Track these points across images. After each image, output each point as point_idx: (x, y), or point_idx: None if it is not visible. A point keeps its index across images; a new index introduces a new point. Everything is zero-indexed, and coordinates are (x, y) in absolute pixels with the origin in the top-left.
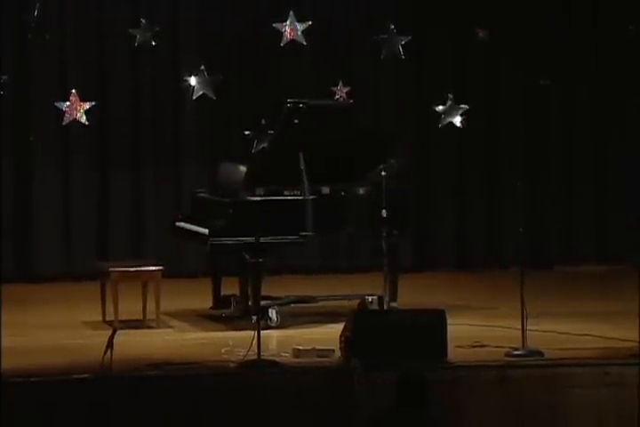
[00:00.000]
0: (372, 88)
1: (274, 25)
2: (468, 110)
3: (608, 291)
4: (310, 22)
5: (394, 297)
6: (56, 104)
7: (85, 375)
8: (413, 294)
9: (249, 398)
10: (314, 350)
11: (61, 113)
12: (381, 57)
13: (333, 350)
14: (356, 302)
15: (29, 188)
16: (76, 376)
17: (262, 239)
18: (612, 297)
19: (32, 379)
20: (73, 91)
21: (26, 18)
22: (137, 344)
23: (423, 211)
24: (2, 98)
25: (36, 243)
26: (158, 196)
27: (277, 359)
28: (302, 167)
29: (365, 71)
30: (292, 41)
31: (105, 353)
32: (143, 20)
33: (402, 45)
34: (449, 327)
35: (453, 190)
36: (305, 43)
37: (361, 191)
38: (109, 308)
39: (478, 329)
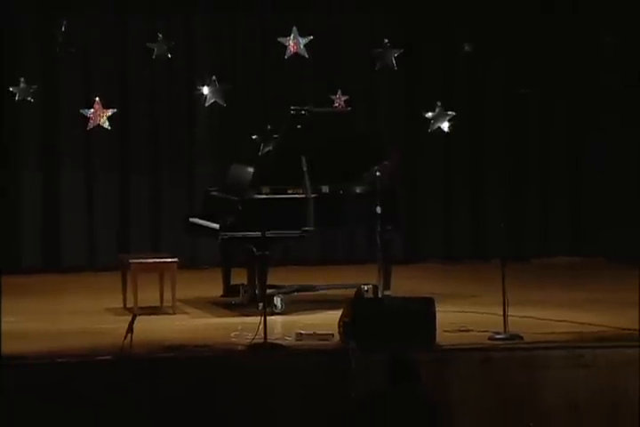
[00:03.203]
0: (368, 96)
1: (279, 39)
2: (454, 116)
3: (581, 280)
4: (312, 37)
5: (387, 286)
6: (81, 111)
7: (108, 357)
8: (405, 284)
9: (256, 378)
10: (315, 334)
11: (86, 119)
12: (376, 68)
13: (332, 334)
14: (352, 291)
15: (57, 187)
16: (99, 358)
17: (268, 234)
18: (585, 286)
19: (59, 360)
20: (96, 99)
21: (54, 33)
22: (155, 329)
23: (414, 208)
24: (32, 105)
25: (63, 238)
26: (173, 194)
27: (282, 342)
28: (304, 168)
29: (361, 81)
30: (295, 54)
31: (125, 337)
32: (160, 35)
33: (395, 58)
34: (437, 313)
35: (441, 189)
36: (307, 55)
37: (357, 190)
38: (129, 296)
39: (464, 315)
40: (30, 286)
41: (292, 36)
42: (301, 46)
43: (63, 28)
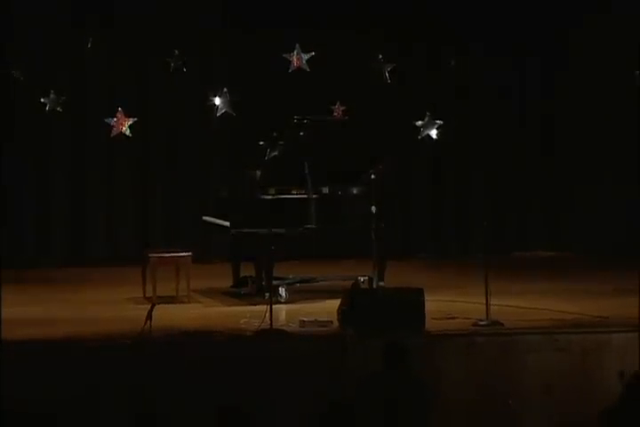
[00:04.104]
0: (364, 107)
1: (283, 55)
2: (442, 125)
3: (556, 272)
4: (313, 53)
5: (381, 278)
6: (105, 120)
7: (128, 341)
8: (397, 276)
9: (262, 360)
10: (315, 321)
11: (109, 127)
12: (371, 81)
13: (332, 321)
14: (350, 282)
15: (83, 187)
16: (121, 342)
17: (273, 230)
18: (560, 278)
19: (85, 344)
20: (119, 109)
21: (81, 50)
22: (171, 316)
23: (405, 207)
24: (61, 114)
25: (89, 233)
26: (189, 194)
27: (286, 328)
28: (307, 171)
29: (358, 93)
30: (298, 68)
31: (145, 323)
32: (176, 51)
33: (388, 71)
34: (426, 303)
35: (430, 190)
36: (308, 69)
37: (354, 191)
38: (148, 287)
39: (450, 304)
40: (58, 278)
41: (295, 52)
42: (304, 61)
43: (89, 45)
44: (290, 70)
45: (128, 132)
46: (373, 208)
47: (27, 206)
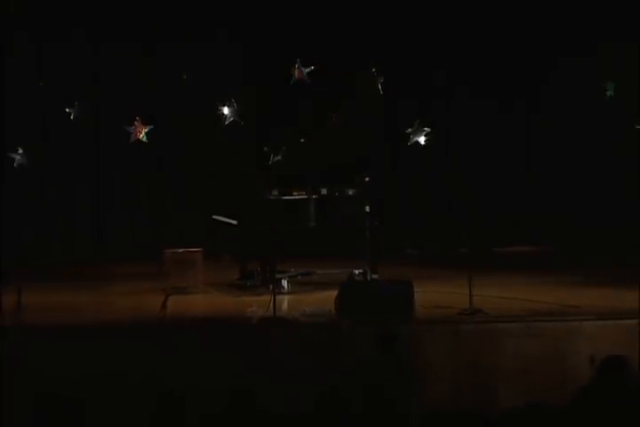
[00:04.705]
0: (358, 114)
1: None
2: (429, 132)
3: (533, 266)
4: (313, 67)
5: (374, 271)
6: (125, 128)
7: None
8: (389, 270)
9: (267, 345)
10: (315, 310)
11: (128, 134)
12: (365, 91)
13: (329, 311)
14: (346, 275)
15: (104, 189)
16: (138, 328)
17: (277, 228)
18: (536, 270)
19: (107, 329)
20: (137, 118)
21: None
22: (184, 305)
23: (396, 206)
24: (85, 123)
25: (110, 233)
26: (199, 195)
27: (288, 317)
28: (307, 174)
29: (353, 102)
30: (300, 79)
31: (160, 311)
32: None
33: (381, 83)
34: (415, 294)
35: (418, 191)
36: (308, 81)
37: (350, 192)
38: (164, 279)
39: (437, 295)
40: (85, 272)
41: (296, 66)
42: (305, 74)
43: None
44: (292, 82)
45: (144, 139)
46: (367, 208)
47: (55, 207)
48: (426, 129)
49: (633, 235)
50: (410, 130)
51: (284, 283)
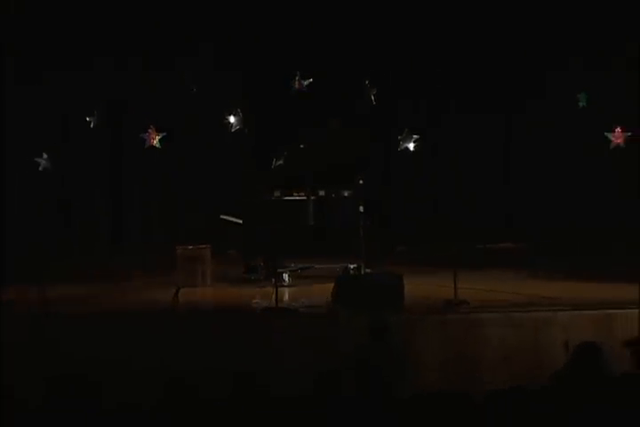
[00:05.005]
0: (354, 122)
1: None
2: (418, 139)
3: (514, 262)
4: (311, 79)
5: (368, 266)
6: (140, 135)
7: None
8: (381, 265)
9: (270, 333)
10: (313, 301)
11: (143, 140)
12: (359, 102)
13: (327, 301)
14: (342, 269)
15: (119, 190)
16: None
17: (279, 226)
18: (514, 265)
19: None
20: (151, 126)
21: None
22: (193, 297)
23: (388, 207)
24: (104, 130)
25: (127, 231)
26: (208, 196)
27: (289, 307)
28: (306, 178)
29: (349, 111)
30: (298, 90)
31: (172, 302)
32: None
33: (374, 95)
34: (405, 286)
35: (408, 192)
36: (306, 91)
37: (345, 194)
38: (176, 273)
39: (426, 287)
40: (104, 267)
41: (296, 78)
42: (304, 85)
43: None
44: (291, 93)
45: (158, 145)
46: (361, 208)
47: (77, 208)
48: (414, 136)
49: (607, 233)
50: (400, 137)
51: (285, 276)
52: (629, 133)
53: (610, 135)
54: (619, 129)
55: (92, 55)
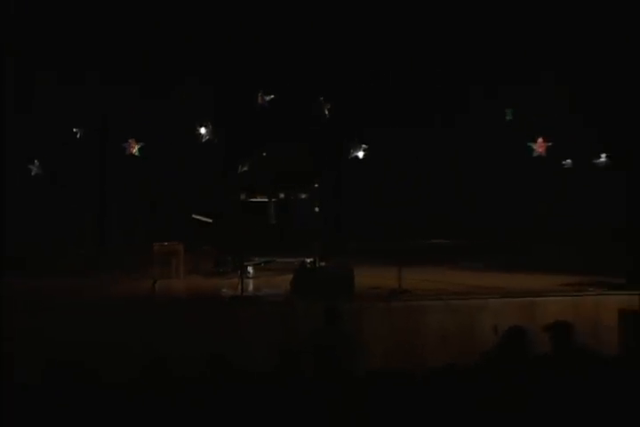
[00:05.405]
0: (311, 134)
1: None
2: (366, 148)
3: (449, 256)
4: (272, 95)
5: (322, 260)
6: (122, 144)
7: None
8: (334, 258)
9: (236, 318)
10: (274, 291)
11: (125, 149)
12: (313, 117)
13: (286, 291)
14: (299, 263)
15: (104, 193)
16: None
17: (244, 225)
18: (450, 260)
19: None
20: (132, 138)
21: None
22: (169, 288)
23: (340, 208)
24: (91, 140)
25: (110, 229)
26: (181, 197)
27: (253, 296)
28: (268, 183)
29: (304, 127)
30: (261, 106)
31: (150, 292)
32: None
33: (327, 109)
34: (355, 277)
35: (358, 195)
36: (268, 106)
37: (302, 196)
38: (153, 267)
39: (373, 279)
40: (87, 263)
41: (259, 94)
42: (267, 101)
43: None
44: (255, 107)
45: (137, 153)
46: (317, 209)
47: (63, 210)
48: (363, 146)
49: (530, 232)
50: (350, 146)
51: (250, 269)
52: (550, 143)
53: (533, 145)
54: (540, 139)
55: (82, 71)
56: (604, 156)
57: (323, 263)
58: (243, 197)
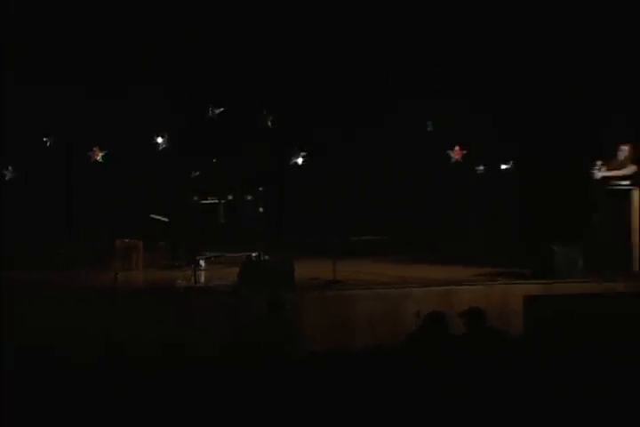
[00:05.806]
0: (255, 142)
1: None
2: (306, 155)
3: (380, 250)
4: (222, 109)
5: (266, 254)
6: (87, 153)
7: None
8: (277, 253)
9: (189, 306)
10: (223, 281)
11: (89, 157)
12: (258, 128)
13: (234, 282)
14: (246, 257)
15: (71, 200)
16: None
17: (196, 223)
18: (378, 253)
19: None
20: (96, 146)
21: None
22: (129, 279)
23: (283, 208)
24: (57, 148)
25: (78, 228)
26: (140, 198)
27: (204, 286)
28: (219, 186)
29: (252, 134)
30: (211, 117)
31: (112, 283)
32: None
33: (270, 121)
34: (295, 270)
35: (297, 196)
36: (216, 119)
37: (249, 198)
38: (115, 262)
39: (311, 271)
40: (56, 259)
41: (210, 108)
42: (216, 113)
43: None
44: (209, 116)
45: (101, 160)
46: (261, 209)
47: (35, 212)
48: (302, 153)
49: (447, 231)
50: (291, 153)
51: (202, 263)
52: (465, 151)
53: (451, 153)
54: (457, 148)
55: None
56: (510, 163)
57: (266, 257)
58: (195, 198)
